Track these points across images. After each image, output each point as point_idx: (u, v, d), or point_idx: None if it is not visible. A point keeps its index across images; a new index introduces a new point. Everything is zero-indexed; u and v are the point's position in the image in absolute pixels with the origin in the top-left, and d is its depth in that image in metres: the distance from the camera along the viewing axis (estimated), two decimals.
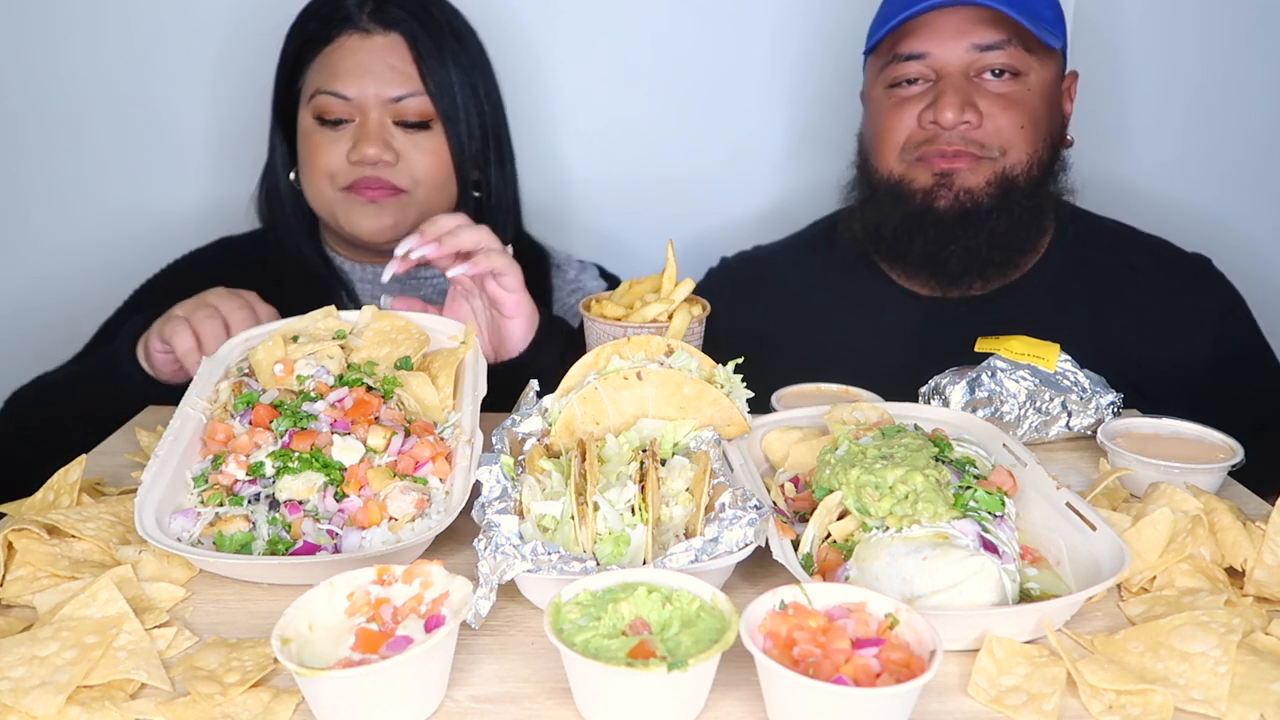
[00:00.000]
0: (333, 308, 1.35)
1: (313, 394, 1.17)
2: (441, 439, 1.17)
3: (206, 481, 1.08)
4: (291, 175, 1.77)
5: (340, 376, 1.21)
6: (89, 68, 2.09)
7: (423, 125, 1.67)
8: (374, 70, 1.64)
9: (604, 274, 1.96)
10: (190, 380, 1.28)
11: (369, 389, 1.20)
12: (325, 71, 1.66)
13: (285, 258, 1.79)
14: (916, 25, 1.60)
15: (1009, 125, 1.60)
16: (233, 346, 1.32)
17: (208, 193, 2.17)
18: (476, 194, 1.77)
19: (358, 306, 1.75)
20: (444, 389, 1.24)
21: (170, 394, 1.43)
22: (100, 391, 1.50)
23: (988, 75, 1.60)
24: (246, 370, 1.26)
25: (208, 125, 2.15)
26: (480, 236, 1.42)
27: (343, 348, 1.27)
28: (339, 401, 1.16)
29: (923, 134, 1.62)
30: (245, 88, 2.05)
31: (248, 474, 1.08)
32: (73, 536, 1.02)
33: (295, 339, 1.29)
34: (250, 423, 1.14)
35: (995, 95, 1.60)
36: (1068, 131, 1.73)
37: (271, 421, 1.13)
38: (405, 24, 1.66)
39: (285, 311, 1.40)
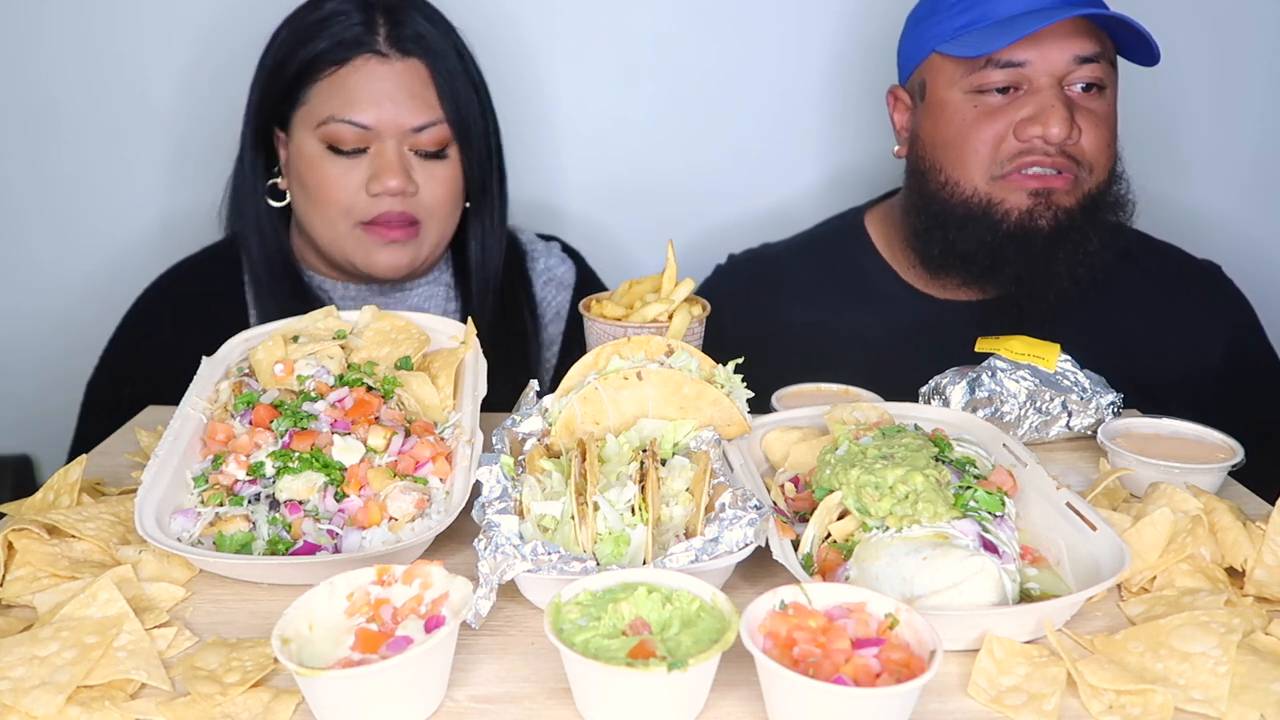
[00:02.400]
0: (333, 308, 1.35)
1: (313, 394, 1.17)
2: (442, 439, 1.17)
3: (206, 481, 1.08)
4: (274, 185, 1.70)
5: (340, 376, 1.21)
6: (70, 68, 2.09)
7: (440, 154, 1.63)
8: (395, 98, 1.57)
9: (565, 248, 1.92)
10: None
11: (369, 389, 1.20)
12: (339, 97, 1.58)
13: (250, 273, 1.74)
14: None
15: (1100, 142, 1.55)
16: (233, 346, 1.32)
17: (170, 203, 2.17)
18: (470, 204, 1.73)
19: None
20: (444, 389, 1.24)
21: None
22: None
23: (1076, 88, 1.54)
24: (246, 370, 1.26)
25: (170, 133, 2.14)
26: None
27: (343, 348, 1.27)
28: (339, 401, 1.16)
29: (1018, 146, 1.54)
30: (212, 97, 2.02)
31: (248, 474, 1.08)
32: (73, 536, 1.02)
33: (295, 339, 1.28)
34: (250, 423, 1.14)
35: (1087, 110, 1.54)
36: None
37: (271, 421, 1.13)
38: (424, 49, 1.60)
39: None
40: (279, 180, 1.70)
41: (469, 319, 1.35)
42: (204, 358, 1.29)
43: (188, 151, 2.13)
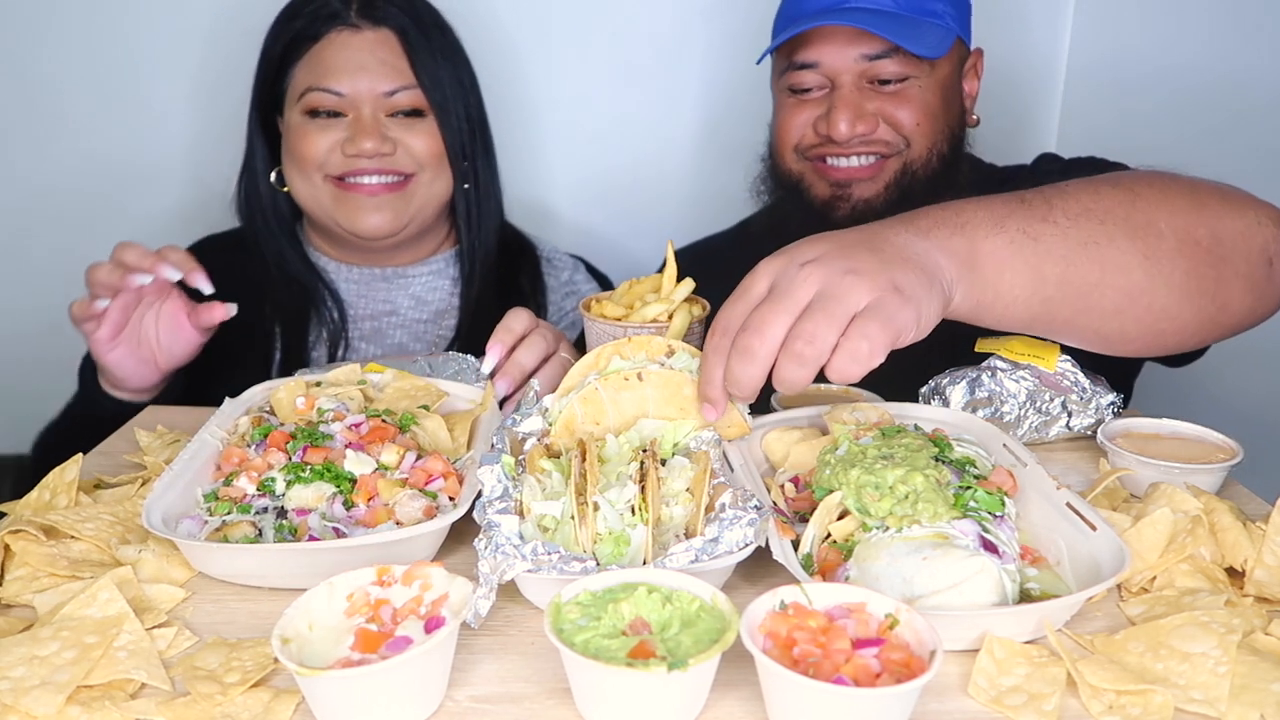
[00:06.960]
0: (356, 367, 1.33)
1: (331, 419, 1.16)
2: (453, 464, 1.15)
3: (217, 498, 1.06)
4: (272, 176, 1.76)
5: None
6: (81, 65, 2.10)
7: (416, 113, 1.68)
8: (366, 65, 1.64)
9: (590, 269, 1.95)
10: (140, 366, 1.41)
11: (384, 421, 1.18)
12: (316, 69, 1.65)
13: (265, 259, 1.77)
14: (809, 35, 1.62)
15: (909, 120, 1.63)
16: (255, 393, 1.30)
17: (188, 191, 2.18)
18: (465, 185, 1.77)
19: (341, 309, 1.75)
20: (458, 439, 1.22)
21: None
22: (99, 427, 1.45)
23: (878, 82, 1.62)
24: (268, 409, 1.25)
25: (188, 123, 2.15)
26: (548, 345, 1.39)
27: (363, 394, 1.27)
28: (355, 426, 1.15)
29: (815, 138, 1.66)
30: (226, 86, 2.05)
31: (258, 489, 1.06)
32: (71, 537, 1.02)
33: (318, 384, 1.28)
34: (266, 447, 1.12)
35: (890, 95, 1.62)
36: (973, 111, 1.74)
37: (287, 443, 1.11)
38: (395, 19, 1.66)
39: (270, 313, 1.38)
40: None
41: (489, 382, 1.33)
42: (227, 398, 1.27)
43: (201, 145, 2.14)
